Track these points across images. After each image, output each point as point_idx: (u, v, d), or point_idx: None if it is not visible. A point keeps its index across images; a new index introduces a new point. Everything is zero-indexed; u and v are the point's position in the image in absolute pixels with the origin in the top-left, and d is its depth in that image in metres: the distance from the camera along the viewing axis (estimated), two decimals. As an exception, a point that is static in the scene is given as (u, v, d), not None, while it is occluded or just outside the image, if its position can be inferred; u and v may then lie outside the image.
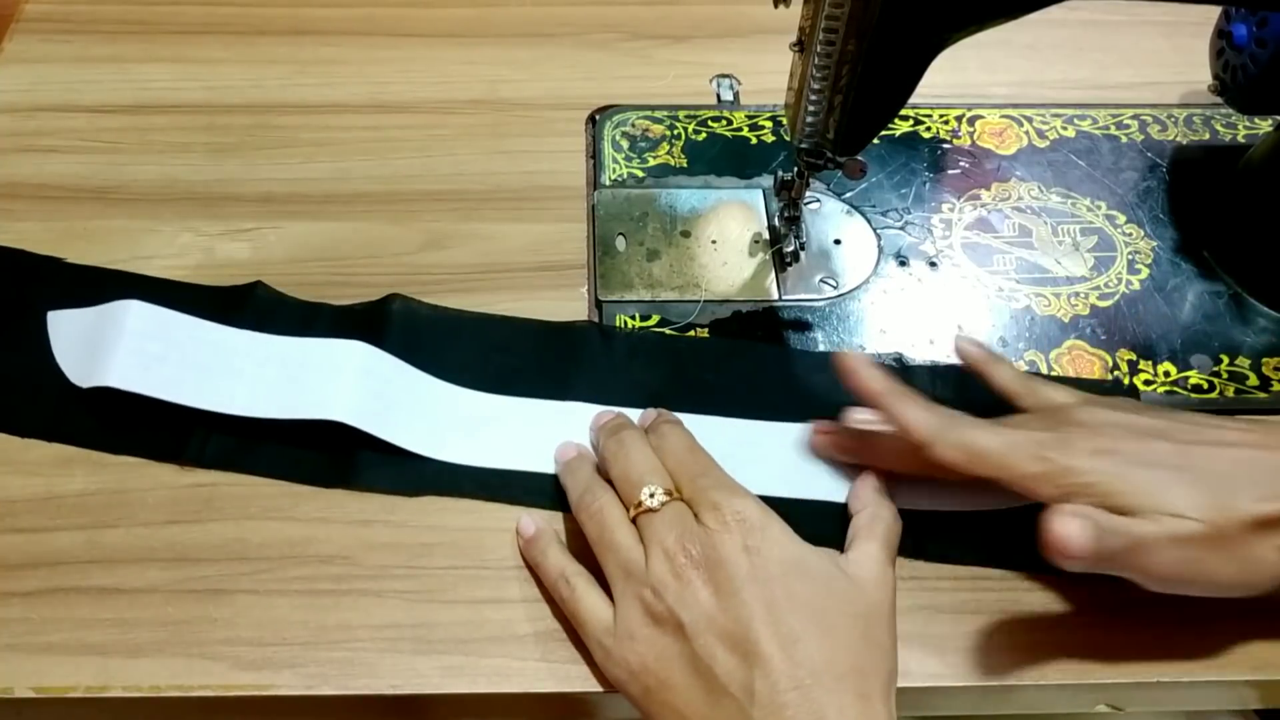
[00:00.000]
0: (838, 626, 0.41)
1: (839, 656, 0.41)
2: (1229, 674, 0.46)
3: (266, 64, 0.70)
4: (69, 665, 0.44)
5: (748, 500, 0.44)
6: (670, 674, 0.41)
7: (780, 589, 0.41)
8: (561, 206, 0.63)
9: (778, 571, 0.42)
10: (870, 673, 0.41)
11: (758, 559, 0.42)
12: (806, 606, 0.41)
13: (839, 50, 0.47)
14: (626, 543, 0.44)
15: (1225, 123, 0.69)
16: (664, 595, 0.42)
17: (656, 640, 0.42)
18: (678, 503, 0.44)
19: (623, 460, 0.47)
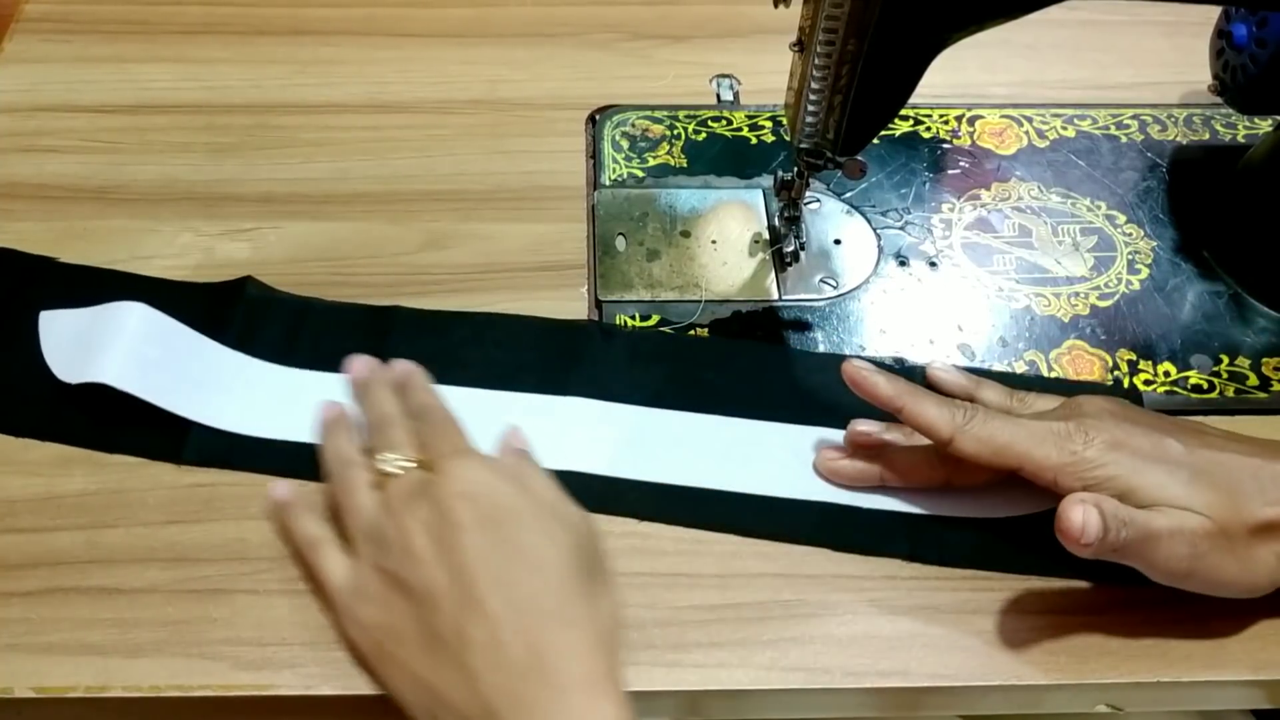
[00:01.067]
0: (551, 567, 0.42)
1: (554, 594, 0.41)
2: (1229, 674, 0.46)
3: (266, 64, 0.70)
4: (69, 665, 0.44)
5: (476, 460, 0.45)
6: (397, 630, 0.42)
7: (498, 537, 0.42)
8: (561, 206, 0.63)
9: (497, 522, 0.43)
10: (589, 611, 0.42)
11: (478, 512, 0.43)
12: (523, 551, 0.42)
13: (839, 50, 0.47)
14: (366, 506, 0.45)
15: (1225, 123, 0.69)
16: (393, 555, 0.43)
17: (386, 598, 0.43)
18: (417, 471, 0.46)
19: (374, 428, 0.49)
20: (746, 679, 0.45)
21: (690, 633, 0.46)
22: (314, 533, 0.46)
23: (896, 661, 0.46)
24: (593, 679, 0.40)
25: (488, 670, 0.40)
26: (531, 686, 0.39)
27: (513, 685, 0.39)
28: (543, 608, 0.41)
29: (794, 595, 0.48)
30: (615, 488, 0.50)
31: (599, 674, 0.40)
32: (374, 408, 0.50)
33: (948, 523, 0.50)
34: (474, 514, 0.42)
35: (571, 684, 0.39)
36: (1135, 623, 0.47)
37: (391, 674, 0.42)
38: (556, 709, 0.39)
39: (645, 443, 0.52)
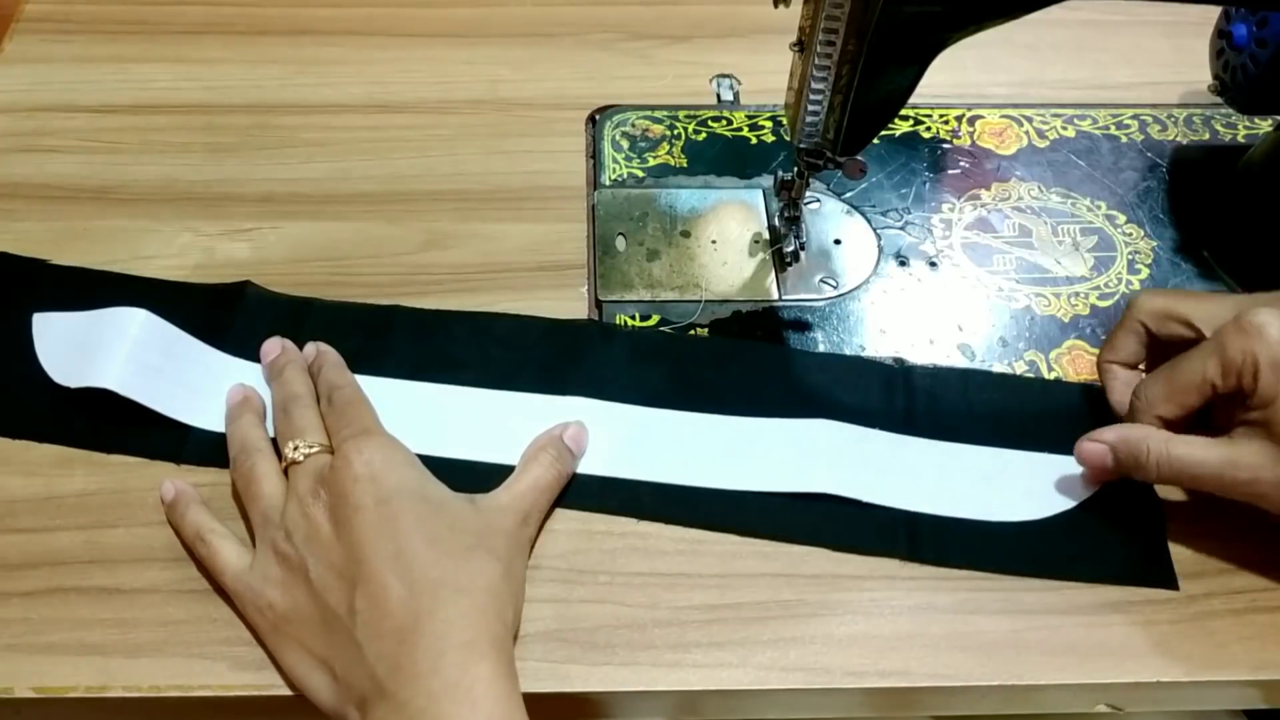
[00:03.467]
0: (446, 540, 0.43)
1: (443, 563, 0.42)
2: (1229, 674, 0.46)
3: (266, 64, 0.70)
4: (69, 665, 0.44)
5: (376, 440, 0.46)
6: (297, 612, 0.43)
7: (392, 513, 0.43)
8: (561, 206, 0.63)
9: (394, 498, 0.43)
10: (480, 583, 0.42)
11: (376, 490, 0.43)
12: (417, 525, 0.43)
13: (839, 50, 0.47)
14: (269, 493, 0.46)
15: (1225, 123, 0.69)
16: (293, 537, 0.44)
17: (287, 582, 0.44)
18: (322, 454, 0.46)
19: (282, 413, 0.49)
20: (746, 679, 0.45)
21: (690, 633, 0.46)
22: (202, 523, 0.47)
23: (896, 661, 0.46)
24: (473, 642, 0.40)
25: (373, 639, 0.40)
26: (410, 651, 0.40)
27: (393, 651, 0.40)
28: (431, 576, 0.42)
29: (794, 595, 0.48)
30: (615, 487, 0.50)
31: (481, 637, 0.41)
32: (282, 390, 0.50)
33: (947, 523, 0.50)
34: (372, 494, 0.43)
35: (449, 647, 0.40)
36: (1135, 623, 0.47)
37: (291, 656, 0.43)
38: (431, 670, 0.39)
39: (645, 442, 0.52)
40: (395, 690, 0.39)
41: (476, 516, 0.45)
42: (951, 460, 0.52)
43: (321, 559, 0.43)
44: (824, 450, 0.51)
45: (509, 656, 0.42)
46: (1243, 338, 0.44)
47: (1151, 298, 0.50)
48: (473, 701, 0.39)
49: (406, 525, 0.43)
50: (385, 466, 0.44)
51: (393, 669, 0.40)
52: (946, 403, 0.54)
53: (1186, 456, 0.46)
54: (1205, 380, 0.46)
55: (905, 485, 0.50)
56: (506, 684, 0.40)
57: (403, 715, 0.39)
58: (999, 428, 0.53)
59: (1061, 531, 0.49)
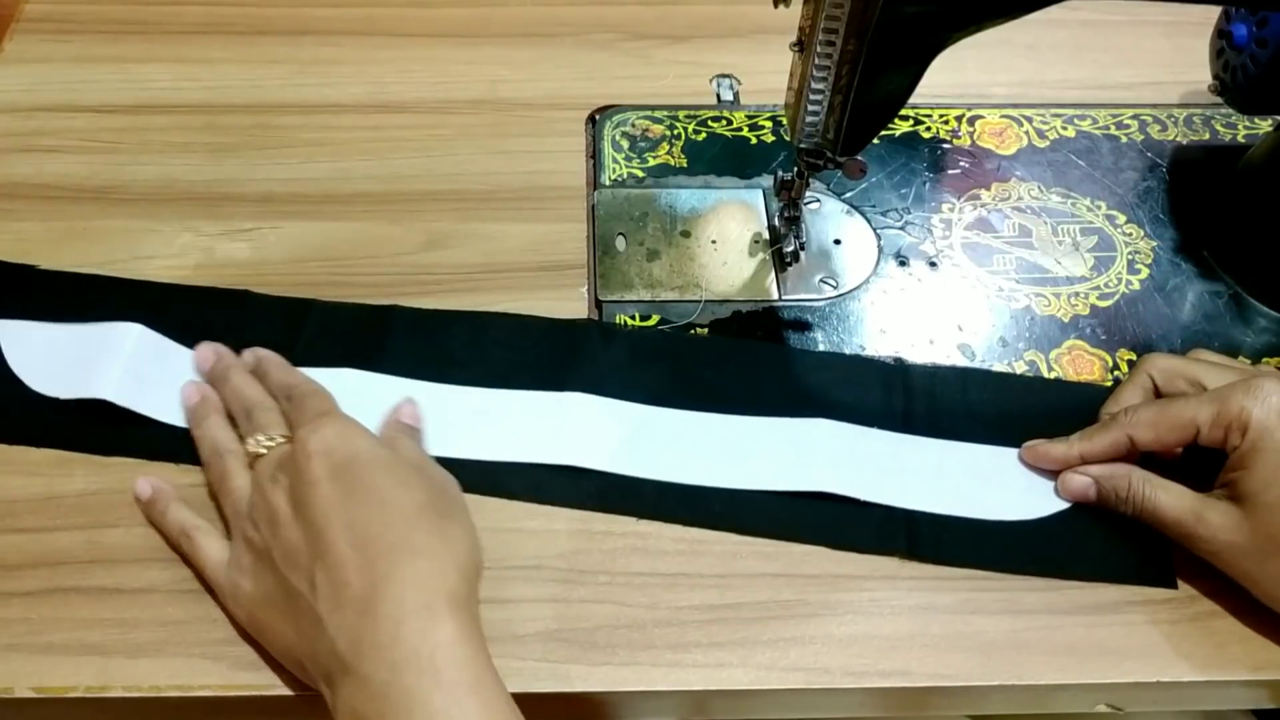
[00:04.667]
0: (399, 502, 0.43)
1: (397, 526, 0.42)
2: (1229, 674, 0.46)
3: (266, 64, 0.70)
4: (69, 665, 0.44)
5: (332, 420, 0.46)
6: (268, 598, 0.43)
7: (348, 485, 0.43)
8: (561, 206, 0.63)
9: (347, 469, 0.44)
10: (435, 542, 0.43)
11: (330, 465, 0.44)
12: (369, 489, 0.43)
13: (839, 50, 0.47)
14: (238, 487, 0.47)
15: (1225, 123, 0.69)
16: (260, 527, 0.44)
17: (257, 569, 0.44)
18: (283, 445, 0.47)
19: (242, 416, 0.49)
20: (746, 679, 0.45)
21: (690, 633, 0.46)
22: (185, 520, 0.47)
23: (897, 661, 0.46)
24: (431, 605, 0.40)
25: (334, 613, 0.40)
26: (369, 622, 0.40)
27: (353, 624, 0.40)
28: (387, 541, 0.42)
29: (794, 595, 0.48)
30: (614, 486, 0.50)
31: (439, 598, 0.41)
32: (236, 397, 0.50)
33: (946, 521, 0.50)
34: (326, 467, 0.43)
35: (407, 613, 0.40)
36: (1135, 623, 0.47)
37: (269, 642, 0.44)
38: (390, 640, 0.39)
39: (645, 441, 0.52)
40: (357, 665, 0.39)
41: (426, 477, 0.46)
42: (951, 459, 0.52)
43: (283, 540, 0.43)
44: (823, 449, 0.52)
45: (470, 614, 0.42)
46: (1244, 396, 0.45)
47: (1165, 357, 0.51)
48: (435, 670, 0.39)
49: (360, 493, 0.43)
50: (339, 440, 0.44)
51: (354, 642, 0.40)
52: (945, 402, 0.54)
53: (1160, 499, 0.47)
54: (1193, 422, 0.46)
55: (904, 484, 0.50)
56: (468, 646, 0.40)
57: (366, 691, 0.39)
58: (998, 427, 0.53)
59: (1060, 530, 0.49)
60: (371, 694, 0.39)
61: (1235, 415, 0.45)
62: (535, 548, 0.49)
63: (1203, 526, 0.46)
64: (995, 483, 0.51)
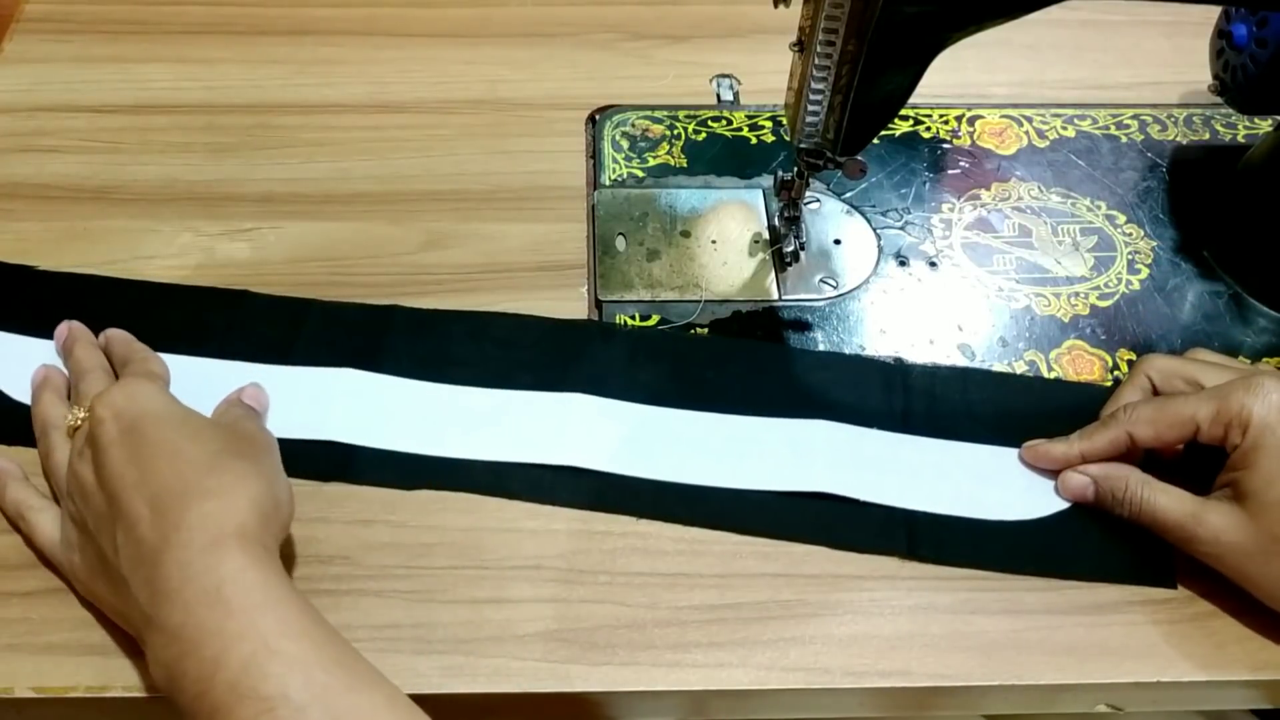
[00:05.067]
0: (188, 451, 0.43)
1: (186, 473, 0.42)
2: (1229, 674, 0.46)
3: (266, 64, 0.70)
4: (69, 665, 0.44)
5: (127, 385, 0.46)
6: (89, 567, 0.44)
7: (136, 441, 0.43)
8: (561, 206, 0.63)
9: (135, 427, 0.43)
10: (227, 481, 0.42)
11: (120, 427, 0.43)
12: (159, 443, 0.43)
13: (839, 50, 0.47)
14: (59, 462, 0.47)
15: (1225, 123, 0.69)
16: (74, 498, 0.45)
17: (81, 541, 0.44)
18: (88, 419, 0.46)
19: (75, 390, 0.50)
20: (746, 679, 0.45)
21: (690, 633, 0.46)
22: (20, 499, 0.47)
23: (897, 661, 0.46)
24: (217, 539, 0.40)
25: (135, 570, 0.41)
26: (163, 570, 0.40)
27: (150, 575, 0.40)
28: (175, 490, 0.41)
29: (794, 595, 0.48)
30: (614, 485, 0.50)
31: (226, 534, 0.40)
32: (74, 368, 0.51)
33: (946, 521, 0.50)
34: (116, 430, 0.43)
35: (194, 555, 0.39)
36: (1135, 623, 0.47)
37: (106, 610, 0.44)
38: (180, 581, 0.39)
39: (644, 441, 0.52)
40: (155, 613, 0.39)
41: (222, 427, 0.47)
42: (950, 459, 0.52)
43: (92, 509, 0.43)
44: (823, 449, 0.52)
45: (263, 546, 0.41)
46: (1245, 393, 0.45)
47: (1163, 357, 0.51)
48: (224, 601, 0.38)
49: (149, 449, 0.43)
50: (128, 401, 0.44)
51: (151, 594, 0.40)
52: (945, 402, 0.54)
53: (1158, 502, 0.47)
54: (1192, 419, 0.46)
55: (904, 484, 0.50)
56: (257, 572, 0.39)
57: (166, 636, 0.39)
58: (998, 427, 0.53)
59: (1060, 530, 0.49)
60: (170, 638, 0.39)
61: (1236, 413, 0.45)
62: (535, 548, 0.49)
63: (1203, 529, 0.46)
64: (995, 483, 0.51)
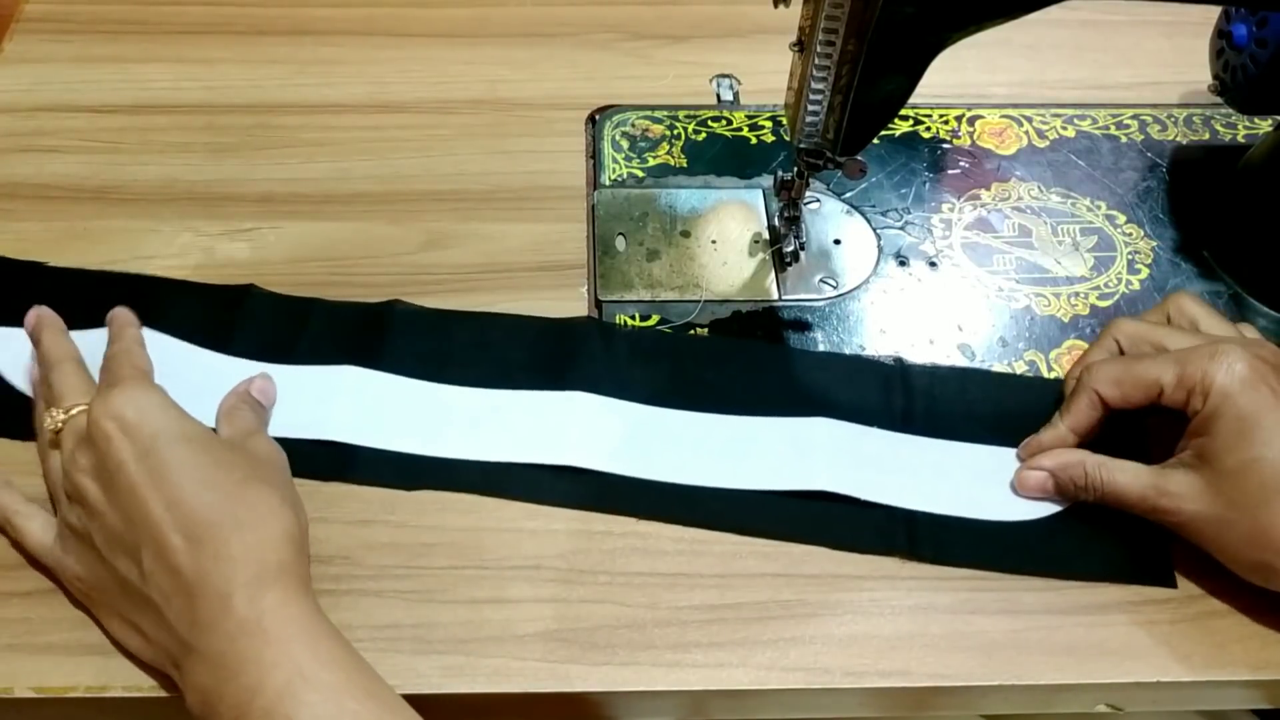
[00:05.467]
0: (216, 478, 0.43)
1: (218, 503, 0.42)
2: (1229, 674, 0.46)
3: (266, 64, 0.70)
4: (69, 665, 0.44)
5: (126, 391, 0.44)
6: (95, 578, 0.43)
7: (156, 463, 0.42)
8: (561, 206, 0.63)
9: (154, 448, 0.42)
10: (260, 512, 0.43)
11: (135, 445, 0.42)
12: (183, 467, 0.42)
13: (839, 50, 0.47)
14: (53, 468, 0.46)
15: (1225, 123, 0.69)
16: (74, 509, 0.44)
17: (80, 552, 0.44)
18: (78, 417, 0.45)
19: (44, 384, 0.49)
20: (746, 679, 0.45)
21: (690, 633, 0.46)
22: (5, 504, 0.47)
23: (896, 661, 0.46)
24: (258, 575, 0.41)
25: (169, 599, 0.41)
26: (202, 602, 0.40)
27: (188, 607, 0.40)
28: (209, 520, 0.41)
29: (794, 595, 0.48)
30: (614, 486, 0.50)
31: (266, 569, 0.41)
32: (43, 359, 0.49)
33: (946, 521, 0.50)
34: (131, 448, 0.42)
35: (235, 587, 0.40)
36: (1135, 623, 0.47)
37: (108, 621, 0.44)
38: (223, 615, 0.40)
39: (644, 441, 0.52)
40: (197, 643, 0.40)
41: (241, 450, 0.46)
42: (950, 459, 0.52)
43: (101, 527, 0.43)
44: (823, 449, 0.52)
45: (299, 578, 0.42)
46: (1209, 360, 0.45)
47: (1131, 321, 0.51)
48: (264, 633, 0.39)
49: (174, 473, 0.42)
50: (137, 416, 0.43)
51: (191, 624, 0.40)
52: (945, 402, 0.54)
53: (1118, 480, 0.47)
54: (1157, 382, 0.47)
55: (904, 484, 0.50)
56: (296, 606, 0.41)
57: (208, 665, 0.40)
58: (997, 427, 0.53)
59: (1060, 530, 0.49)
60: (210, 666, 0.40)
61: (1199, 379, 0.45)
62: (535, 548, 0.49)
63: (1166, 499, 0.46)
64: (995, 483, 0.51)
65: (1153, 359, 0.47)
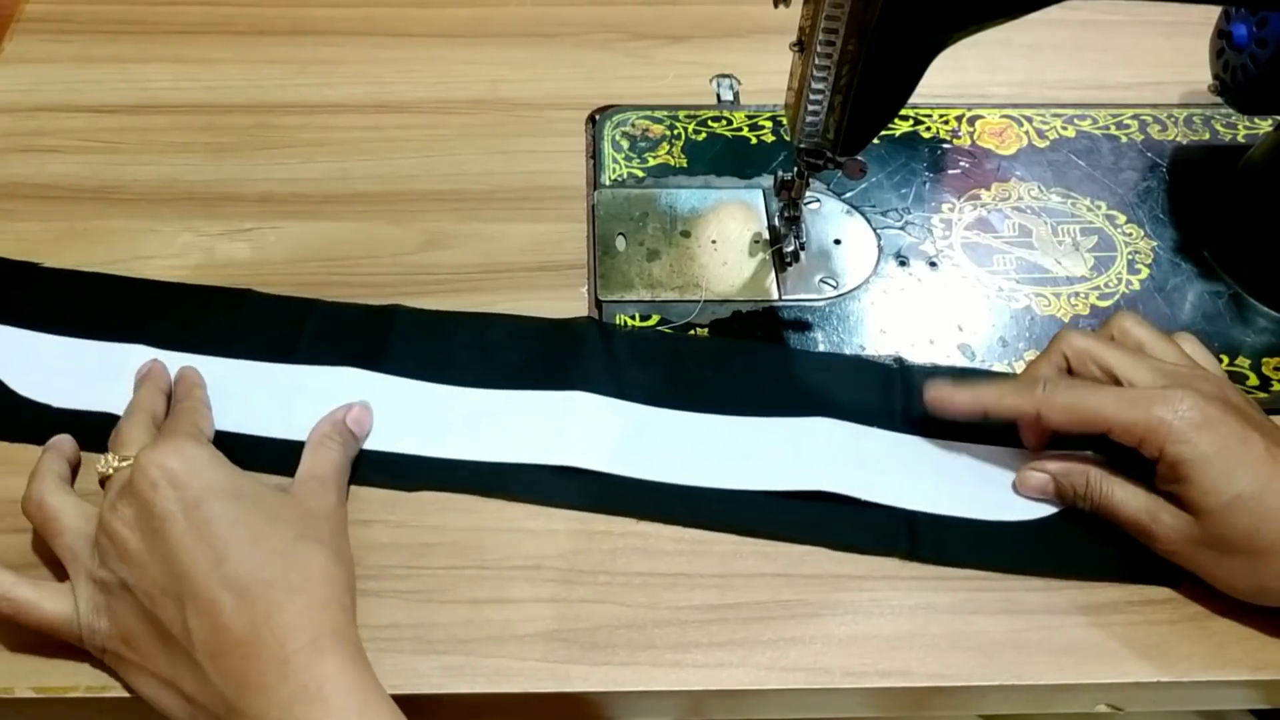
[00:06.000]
0: (268, 536, 0.42)
1: (271, 562, 0.41)
2: (1229, 674, 0.46)
3: (266, 64, 0.70)
4: (69, 665, 0.44)
5: (174, 443, 0.44)
6: (129, 635, 0.42)
7: (205, 517, 0.42)
8: (561, 206, 0.63)
9: (203, 502, 0.42)
10: (313, 574, 0.42)
11: (180, 496, 0.42)
12: (233, 524, 0.42)
13: (839, 50, 0.47)
14: (71, 524, 0.44)
15: (1225, 123, 0.69)
16: (107, 562, 0.43)
17: (111, 606, 0.42)
18: (124, 469, 0.45)
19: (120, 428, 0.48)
20: (747, 679, 0.45)
21: (690, 633, 0.46)
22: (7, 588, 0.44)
23: (897, 661, 0.46)
24: (315, 640, 0.40)
25: (215, 658, 0.40)
26: (254, 664, 0.39)
27: (238, 668, 0.40)
28: (261, 579, 0.41)
29: (794, 595, 0.48)
30: (614, 486, 0.50)
31: (323, 633, 0.40)
32: (131, 402, 0.50)
33: (946, 521, 0.50)
34: (177, 501, 0.42)
35: (291, 652, 0.40)
36: (1135, 623, 0.47)
37: (135, 678, 0.43)
38: (278, 680, 0.39)
39: (644, 441, 0.52)
40: (246, 706, 0.39)
41: (294, 505, 0.45)
42: (950, 459, 0.52)
43: (141, 577, 0.42)
44: (823, 449, 0.52)
45: (353, 644, 0.41)
46: (1160, 406, 0.45)
47: (1080, 336, 0.50)
48: (323, 701, 0.39)
49: (222, 528, 0.41)
50: (186, 469, 0.42)
51: (240, 686, 0.39)
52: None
53: (1116, 496, 0.47)
54: (1107, 421, 0.46)
55: (904, 484, 0.50)
56: (354, 674, 0.40)
57: None
58: (997, 427, 0.52)
59: (1060, 530, 0.49)
60: None
61: (1152, 427, 0.45)
62: (535, 548, 0.49)
63: (1158, 527, 0.46)
64: (995, 483, 0.51)
65: (1107, 395, 0.47)
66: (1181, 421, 0.45)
